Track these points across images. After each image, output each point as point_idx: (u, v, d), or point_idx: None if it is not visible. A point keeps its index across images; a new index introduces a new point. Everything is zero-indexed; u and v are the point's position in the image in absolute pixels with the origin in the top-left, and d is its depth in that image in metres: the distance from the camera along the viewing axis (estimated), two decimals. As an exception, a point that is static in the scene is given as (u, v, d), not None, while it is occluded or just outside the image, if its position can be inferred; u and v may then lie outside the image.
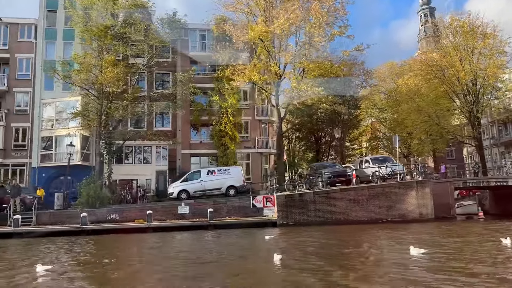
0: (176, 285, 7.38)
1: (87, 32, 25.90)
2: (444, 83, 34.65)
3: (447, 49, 34.90)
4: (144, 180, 29.90)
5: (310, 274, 7.65)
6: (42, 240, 16.99)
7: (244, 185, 23.73)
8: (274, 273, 8.23)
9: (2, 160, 28.69)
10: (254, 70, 22.73)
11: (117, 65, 23.60)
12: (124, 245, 15.04)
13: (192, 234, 17.62)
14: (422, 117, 35.28)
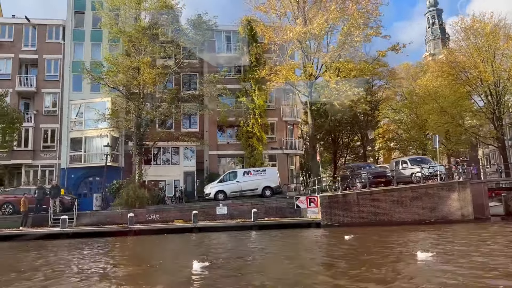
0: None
1: (121, 34, 25.96)
2: (467, 84, 34.74)
3: (468, 50, 34.94)
4: (172, 181, 29.92)
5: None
6: (98, 240, 17.06)
7: (279, 185, 23.79)
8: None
9: (31, 161, 28.75)
10: (291, 70, 22.82)
11: (154, 67, 23.64)
12: (210, 244, 14.99)
13: (245, 234, 17.65)
14: (446, 118, 35.29)
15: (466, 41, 36.13)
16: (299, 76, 22.92)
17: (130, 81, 23.83)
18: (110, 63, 25.27)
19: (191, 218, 21.46)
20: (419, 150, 43.28)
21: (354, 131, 42.45)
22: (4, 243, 16.74)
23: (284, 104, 32.55)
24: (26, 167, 28.96)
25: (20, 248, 15.43)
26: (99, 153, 28.94)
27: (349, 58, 23.38)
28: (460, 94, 35.26)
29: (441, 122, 35.55)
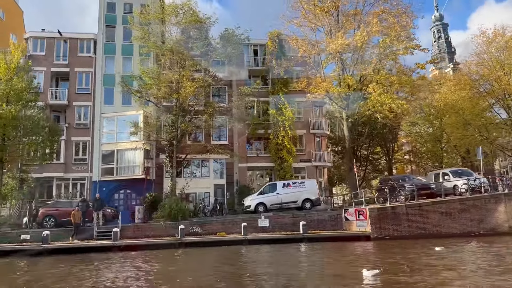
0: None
1: (156, 47, 26.24)
2: (490, 96, 34.99)
3: (491, 63, 35.23)
4: (202, 193, 29.88)
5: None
6: (151, 252, 16.99)
7: (319, 198, 23.75)
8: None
9: (63, 174, 28.71)
10: (330, 82, 23.04)
11: (195, 79, 23.84)
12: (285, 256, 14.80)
13: (298, 246, 17.60)
14: (471, 130, 35.41)
15: (488, 54, 36.50)
16: (339, 88, 23.03)
17: (170, 94, 23.93)
18: (148, 77, 25.42)
19: (232, 231, 21.52)
20: (435, 163, 43.43)
21: (373, 143, 42.58)
22: (63, 256, 16.61)
23: (312, 117, 32.66)
24: (57, 180, 28.90)
25: (98, 260, 15.29)
26: (131, 165, 28.98)
27: (387, 70, 23.60)
28: (483, 106, 35.53)
29: (466, 135, 35.67)
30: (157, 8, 29.41)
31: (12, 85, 21.75)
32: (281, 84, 31.75)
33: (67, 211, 21.94)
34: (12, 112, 21.04)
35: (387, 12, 23.34)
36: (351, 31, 24.15)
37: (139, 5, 31.48)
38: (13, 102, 21.48)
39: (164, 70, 27.72)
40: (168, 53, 24.52)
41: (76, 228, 19.63)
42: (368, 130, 38.10)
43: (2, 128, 21.75)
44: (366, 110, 22.79)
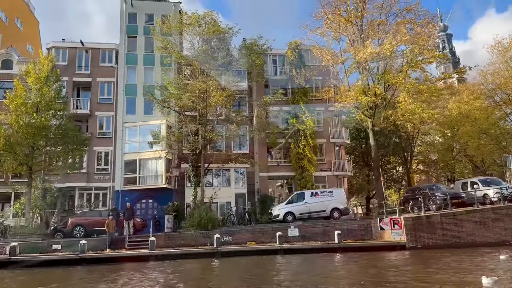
0: None
1: (182, 58, 26.47)
2: (508, 106, 35.10)
3: (507, 72, 35.39)
4: (224, 202, 29.80)
5: None
6: (187, 261, 16.90)
7: (347, 207, 23.69)
8: None
9: (85, 184, 28.67)
10: (358, 91, 23.18)
11: (225, 89, 24.02)
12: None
13: (333, 256, 17.51)
14: (488, 139, 35.45)
15: (504, 63, 36.72)
16: (367, 97, 23.14)
17: (198, 104, 24.06)
18: (174, 87, 25.57)
19: (262, 240, 21.48)
20: (447, 172, 43.42)
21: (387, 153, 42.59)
22: (103, 266, 16.51)
23: (332, 126, 32.76)
24: (79, 189, 28.88)
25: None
26: (153, 175, 28.95)
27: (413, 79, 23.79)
28: (498, 115, 35.65)
29: (483, 144, 35.69)
30: (178, 18, 29.76)
31: (42, 95, 21.85)
32: (301, 94, 31.90)
33: (96, 221, 21.96)
34: (42, 121, 21.09)
35: (413, 22, 23.61)
36: (375, 40, 24.31)
37: (160, 16, 31.78)
38: (43, 112, 21.55)
39: (188, 80, 27.96)
40: (196, 63, 24.60)
41: (110, 237, 19.54)
42: (386, 139, 38.37)
43: (32, 138, 21.77)
44: (396, 120, 22.85)
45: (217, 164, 27.97)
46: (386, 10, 24.90)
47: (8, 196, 28.25)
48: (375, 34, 25.57)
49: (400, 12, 25.03)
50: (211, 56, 27.12)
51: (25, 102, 21.28)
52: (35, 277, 14.57)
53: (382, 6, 25.47)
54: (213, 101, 23.72)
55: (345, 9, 25.10)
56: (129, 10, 32.31)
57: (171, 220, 22.76)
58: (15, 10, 38.74)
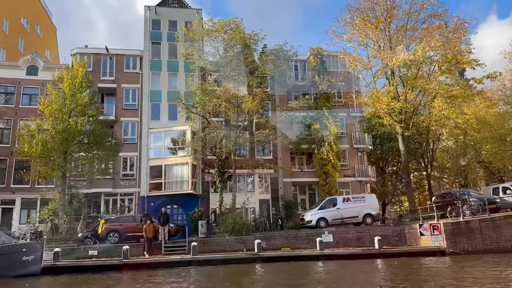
0: None
1: (210, 64, 26.62)
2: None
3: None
4: (248, 208, 29.72)
5: None
6: (231, 266, 16.86)
7: (379, 213, 23.65)
8: None
9: (111, 190, 28.63)
10: (391, 97, 23.27)
11: (255, 95, 24.12)
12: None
13: (373, 262, 17.45)
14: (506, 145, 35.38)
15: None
16: (399, 103, 23.20)
17: (229, 109, 24.16)
18: (203, 93, 25.70)
19: (297, 246, 21.45)
20: (460, 178, 43.32)
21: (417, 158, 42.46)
22: (147, 271, 16.45)
23: (355, 131, 32.85)
24: (105, 195, 28.86)
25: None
26: (179, 180, 28.93)
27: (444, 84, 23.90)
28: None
29: (502, 149, 35.63)
30: (201, 25, 29.95)
31: (76, 100, 21.94)
32: (323, 99, 32.00)
33: (130, 226, 21.92)
34: (78, 127, 21.15)
35: (442, 28, 23.77)
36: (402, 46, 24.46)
37: (183, 22, 31.96)
38: (78, 117, 21.62)
39: (213, 86, 28.13)
40: (226, 69, 24.72)
41: (148, 242, 19.51)
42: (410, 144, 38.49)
43: (65, 143, 21.81)
44: (430, 125, 22.90)
45: (247, 170, 28.02)
46: (414, 16, 25.08)
47: (34, 202, 28.23)
48: (402, 39, 25.74)
49: (428, 17, 25.20)
50: (237, 62, 27.28)
51: (60, 108, 21.33)
52: (87, 283, 14.52)
53: (410, 12, 25.65)
54: (246, 106, 23.78)
55: (374, 15, 25.26)
56: (152, 16, 32.55)
57: (205, 226, 22.70)
58: (35, 16, 38.99)
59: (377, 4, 25.48)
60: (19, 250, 14.47)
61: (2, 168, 28.28)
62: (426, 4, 24.73)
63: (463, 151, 41.62)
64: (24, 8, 36.65)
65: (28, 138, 20.56)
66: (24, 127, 21.69)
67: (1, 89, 29.77)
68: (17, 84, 29.79)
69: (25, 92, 29.91)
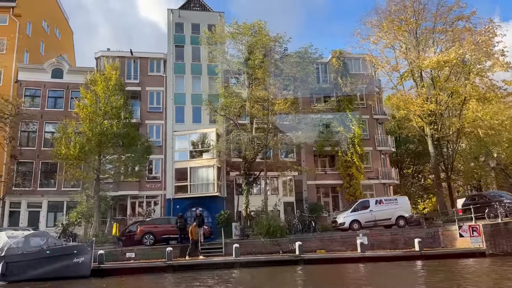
0: None
1: (240, 65, 26.73)
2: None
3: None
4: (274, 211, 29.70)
5: None
6: (275, 269, 16.85)
7: (412, 215, 23.64)
8: None
9: (138, 192, 28.67)
10: (423, 99, 23.32)
11: (287, 98, 24.23)
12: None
13: (413, 264, 17.43)
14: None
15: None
16: (432, 105, 23.24)
17: (260, 111, 24.23)
18: (232, 96, 25.79)
19: (331, 248, 21.42)
20: (473, 181, 43.22)
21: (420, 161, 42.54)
22: (188, 273, 16.44)
23: (377, 134, 32.90)
24: (131, 198, 28.88)
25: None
26: (204, 183, 28.96)
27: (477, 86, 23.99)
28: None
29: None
30: (224, 28, 30.09)
31: (110, 102, 22.01)
32: (346, 101, 32.05)
33: (165, 228, 21.93)
34: (113, 129, 21.21)
35: (472, 30, 23.89)
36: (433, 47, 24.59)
37: (206, 25, 32.13)
38: (113, 120, 21.67)
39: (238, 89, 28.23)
40: (260, 72, 24.80)
41: (194, 244, 19.50)
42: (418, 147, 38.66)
43: (98, 146, 21.84)
44: (463, 127, 22.95)
45: (272, 172, 28.01)
46: (442, 18, 25.18)
47: (60, 204, 28.26)
48: (429, 41, 25.85)
49: (456, 20, 25.30)
50: (263, 64, 27.37)
51: (95, 110, 21.40)
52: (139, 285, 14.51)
53: (437, 14, 25.76)
54: (277, 108, 23.84)
55: (404, 17, 25.38)
56: (176, 20, 32.70)
57: (239, 228, 22.70)
58: (54, 20, 39.11)
59: (405, 7, 25.59)
60: (71, 252, 14.47)
61: (29, 171, 28.30)
62: (455, 7, 24.85)
63: (481, 153, 41.60)
64: (45, 11, 36.80)
65: (65, 140, 20.57)
66: (60, 129, 21.68)
67: (27, 92, 29.83)
68: (42, 87, 29.88)
69: (50, 95, 30.01)
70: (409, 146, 41.40)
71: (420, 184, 45.04)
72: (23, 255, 13.73)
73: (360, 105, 32.70)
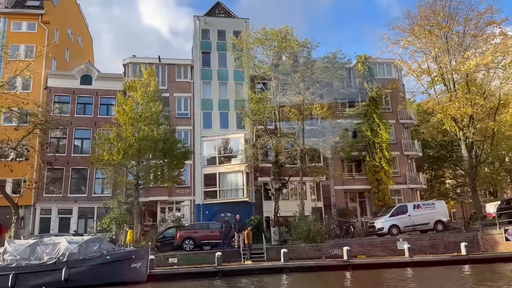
0: None
1: (270, 71, 26.84)
2: None
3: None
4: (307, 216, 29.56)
5: None
6: (326, 274, 16.75)
7: (449, 219, 23.54)
8: None
9: (167, 198, 28.64)
10: (462, 103, 23.34)
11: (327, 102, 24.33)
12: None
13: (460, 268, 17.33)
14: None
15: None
16: (469, 109, 23.23)
17: (296, 115, 24.30)
18: (262, 101, 25.90)
19: (372, 253, 21.36)
20: (490, 187, 43.03)
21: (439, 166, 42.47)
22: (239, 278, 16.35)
23: (404, 138, 32.89)
24: (161, 203, 28.85)
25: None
26: (233, 188, 28.94)
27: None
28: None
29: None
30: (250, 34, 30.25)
31: (150, 108, 22.09)
32: (373, 106, 32.07)
33: (205, 233, 21.89)
34: (154, 135, 21.25)
35: (505, 35, 24.00)
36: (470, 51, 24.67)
37: (232, 32, 32.35)
38: (153, 125, 21.72)
39: (269, 93, 28.29)
40: (296, 77, 24.91)
41: (249, 248, 19.44)
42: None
43: (138, 151, 21.86)
44: (500, 130, 22.92)
45: (305, 177, 28.01)
46: (473, 23, 25.34)
47: (91, 211, 28.24)
48: (458, 46, 25.96)
49: (488, 25, 25.44)
50: (294, 70, 27.49)
51: (136, 116, 21.47)
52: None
53: (467, 18, 25.88)
54: (315, 113, 23.89)
55: (436, 22, 25.53)
56: (202, 26, 32.89)
57: (277, 233, 22.59)
58: (77, 27, 39.38)
59: (436, 13, 25.74)
60: (129, 257, 14.42)
61: (59, 178, 28.30)
62: (487, 12, 25.01)
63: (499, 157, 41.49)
64: (70, 18, 37.07)
65: (108, 146, 20.60)
66: (101, 135, 21.72)
67: (56, 99, 29.95)
68: (71, 93, 30.00)
69: (79, 101, 30.11)
70: (428, 152, 41.35)
71: (439, 189, 44.91)
72: (84, 260, 13.67)
73: (386, 110, 32.75)
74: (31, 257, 13.42)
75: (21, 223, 26.46)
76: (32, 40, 30.86)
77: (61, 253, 13.51)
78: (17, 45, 29.94)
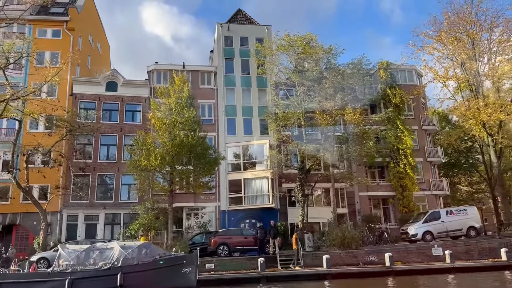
0: None
1: (297, 77, 26.98)
2: None
3: None
4: (326, 223, 29.53)
5: None
6: (372, 281, 16.66)
7: (481, 225, 23.48)
8: None
9: (193, 204, 28.59)
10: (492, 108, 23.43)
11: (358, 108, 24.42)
12: None
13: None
14: None
15: None
16: (502, 114, 23.29)
17: (326, 121, 24.39)
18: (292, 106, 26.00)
19: (408, 260, 21.25)
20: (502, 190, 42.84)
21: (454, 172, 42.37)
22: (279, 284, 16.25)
23: (427, 144, 32.90)
24: (187, 209, 28.81)
25: None
26: (259, 195, 28.87)
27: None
28: None
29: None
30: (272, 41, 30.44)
31: (184, 114, 22.18)
32: (396, 112, 32.10)
33: (239, 239, 21.84)
34: (189, 140, 21.30)
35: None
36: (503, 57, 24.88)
37: (254, 39, 32.62)
38: (188, 131, 21.77)
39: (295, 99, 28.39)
40: (328, 83, 25.03)
41: (297, 253, 19.39)
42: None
43: (173, 157, 21.88)
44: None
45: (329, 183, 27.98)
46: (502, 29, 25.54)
47: (117, 217, 28.19)
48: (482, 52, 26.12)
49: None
50: (320, 76, 27.63)
51: (171, 122, 21.54)
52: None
53: (493, 25, 26.09)
54: (348, 118, 23.96)
55: (463, 29, 25.73)
56: (225, 33, 33.11)
57: (311, 239, 22.50)
58: (97, 34, 39.66)
59: (463, 20, 25.95)
60: (181, 262, 14.35)
61: (86, 184, 28.29)
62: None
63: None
64: (91, 25, 37.36)
65: (145, 152, 20.63)
66: (137, 141, 21.76)
67: (81, 105, 30.05)
68: (97, 100, 30.10)
69: (105, 108, 30.20)
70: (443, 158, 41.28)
71: (461, 195, 44.77)
72: (138, 266, 13.61)
73: (409, 116, 32.82)
74: (85, 262, 13.37)
75: (48, 230, 26.39)
76: (57, 47, 31.10)
77: (115, 258, 13.46)
78: (43, 51, 30.12)
